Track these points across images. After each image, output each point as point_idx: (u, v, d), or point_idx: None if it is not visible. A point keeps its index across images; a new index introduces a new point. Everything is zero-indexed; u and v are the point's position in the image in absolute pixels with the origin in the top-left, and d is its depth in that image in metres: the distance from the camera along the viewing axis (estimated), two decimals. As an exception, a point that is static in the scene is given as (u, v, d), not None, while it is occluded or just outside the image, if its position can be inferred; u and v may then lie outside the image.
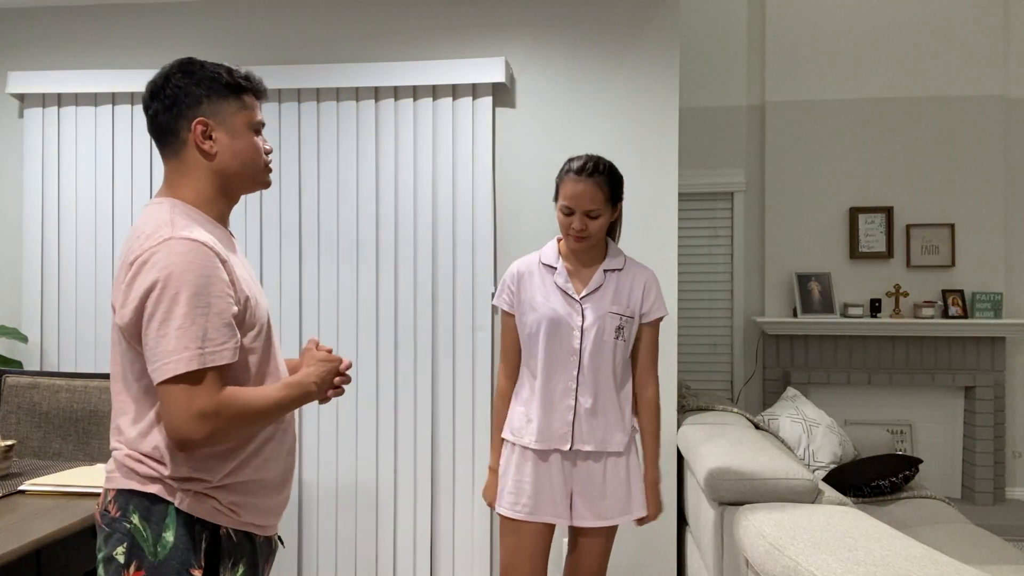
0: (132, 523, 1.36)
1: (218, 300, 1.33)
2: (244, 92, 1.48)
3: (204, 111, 1.43)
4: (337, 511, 3.17)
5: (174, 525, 1.36)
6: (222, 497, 1.40)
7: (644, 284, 2.15)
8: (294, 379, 1.48)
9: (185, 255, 1.31)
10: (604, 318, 2.10)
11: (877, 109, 4.70)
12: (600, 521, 2.12)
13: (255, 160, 1.49)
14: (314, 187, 3.20)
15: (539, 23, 3.15)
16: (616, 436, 2.13)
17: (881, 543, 1.59)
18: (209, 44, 3.31)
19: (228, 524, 1.41)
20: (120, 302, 1.35)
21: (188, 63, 1.45)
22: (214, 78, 1.44)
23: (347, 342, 3.17)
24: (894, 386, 4.72)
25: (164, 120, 1.44)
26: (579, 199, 2.03)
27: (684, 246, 4.85)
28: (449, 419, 3.12)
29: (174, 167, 1.46)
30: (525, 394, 2.16)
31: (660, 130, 3.10)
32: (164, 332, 1.29)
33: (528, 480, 2.11)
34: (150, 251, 1.32)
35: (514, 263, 2.21)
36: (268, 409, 1.39)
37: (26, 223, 3.32)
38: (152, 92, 1.45)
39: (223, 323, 1.33)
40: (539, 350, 2.11)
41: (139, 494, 1.37)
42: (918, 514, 3.12)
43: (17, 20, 3.42)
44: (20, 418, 2.84)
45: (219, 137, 1.45)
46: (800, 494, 2.21)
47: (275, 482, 1.50)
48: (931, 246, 4.63)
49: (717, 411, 3.26)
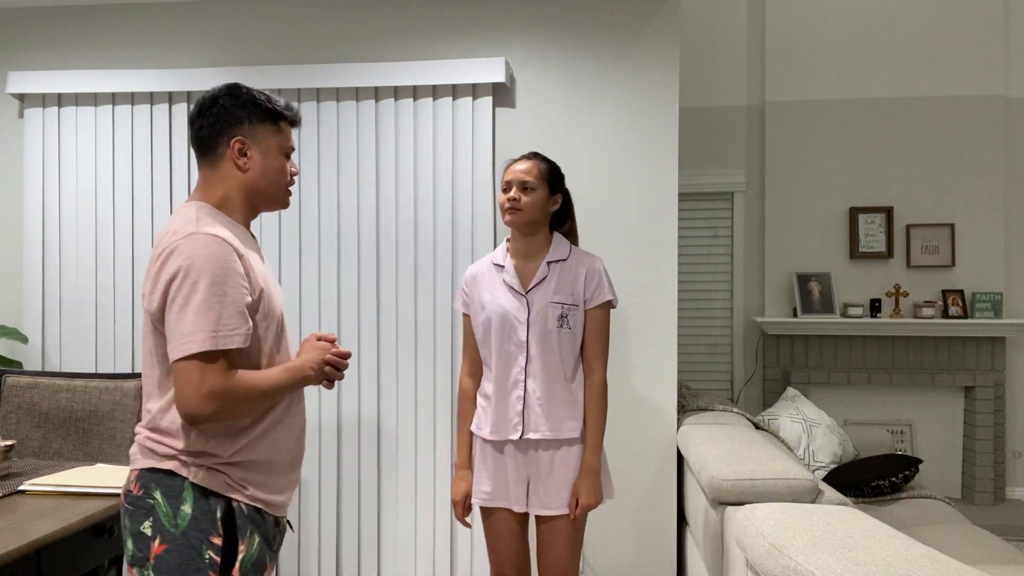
0: (155, 498, 1.49)
1: (233, 289, 1.46)
2: (281, 119, 1.66)
3: (243, 131, 1.61)
4: (339, 509, 3.17)
5: (191, 498, 1.49)
6: (232, 473, 1.53)
7: (587, 271, 2.23)
8: (293, 363, 1.61)
9: (207, 248, 1.46)
10: (547, 308, 2.19)
11: (877, 109, 4.70)
12: (545, 510, 2.20)
13: (280, 180, 1.67)
14: (314, 187, 3.20)
15: (539, 23, 3.15)
16: (567, 423, 2.20)
17: (881, 543, 1.59)
18: (209, 44, 3.31)
19: (239, 498, 1.53)
20: (149, 289, 1.49)
21: (235, 87, 1.63)
22: (256, 103, 1.62)
23: (348, 341, 3.17)
24: (894, 386, 4.72)
25: (207, 135, 1.61)
26: (516, 172, 2.20)
27: (684, 246, 4.85)
28: (449, 418, 3.12)
29: (209, 175, 1.63)
30: (484, 388, 2.28)
31: (660, 130, 3.10)
32: (183, 315, 1.43)
33: (488, 470, 2.24)
34: (176, 243, 1.47)
35: (469, 267, 2.36)
36: (270, 390, 1.53)
37: (26, 223, 3.31)
38: (200, 110, 1.62)
39: (237, 311, 1.47)
40: (492, 346, 2.23)
41: (158, 471, 1.50)
42: (918, 514, 3.12)
43: (17, 20, 3.42)
44: (20, 418, 2.84)
45: (253, 155, 1.62)
46: (800, 494, 2.21)
47: (284, 463, 1.62)
48: (931, 246, 4.64)
49: (717, 411, 3.26)
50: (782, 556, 1.62)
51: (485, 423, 2.25)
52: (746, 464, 2.31)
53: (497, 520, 2.26)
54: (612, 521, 3.11)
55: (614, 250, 3.11)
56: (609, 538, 3.10)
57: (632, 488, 3.09)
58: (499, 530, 2.25)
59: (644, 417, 3.09)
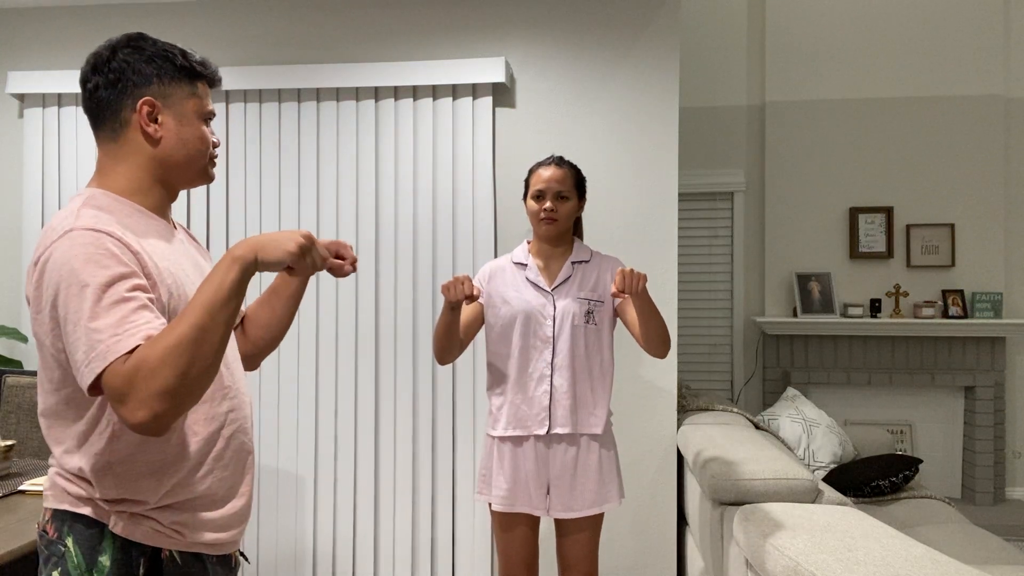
0: (67, 546, 1.25)
1: (123, 287, 1.16)
2: (198, 78, 1.36)
3: (152, 92, 1.31)
4: (335, 511, 3.17)
5: (111, 549, 1.24)
6: (163, 518, 1.26)
7: (611, 269, 2.28)
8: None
9: (86, 246, 1.16)
10: (573, 304, 2.22)
11: (877, 109, 4.70)
12: (571, 513, 2.20)
13: (202, 151, 1.36)
14: (314, 187, 3.20)
15: (539, 23, 3.15)
16: (589, 419, 2.22)
17: (881, 543, 1.59)
18: (209, 44, 3.31)
19: (171, 547, 1.27)
20: (35, 307, 1.21)
21: (139, 38, 1.32)
22: (167, 58, 1.32)
23: (346, 342, 3.17)
24: (894, 386, 4.72)
25: (105, 96, 1.30)
26: (550, 181, 2.21)
27: (684, 246, 4.85)
28: (449, 418, 3.12)
29: (109, 151, 1.33)
30: (499, 386, 2.26)
31: (660, 130, 3.10)
32: (77, 334, 1.13)
33: (506, 471, 2.22)
34: (51, 248, 1.18)
35: (487, 263, 2.37)
36: (197, 319, 1.12)
37: (26, 223, 3.31)
38: (95, 65, 1.31)
39: (134, 308, 1.15)
40: (513, 341, 2.22)
41: (73, 515, 1.26)
42: (918, 514, 3.12)
43: (17, 20, 3.42)
44: (20, 418, 2.84)
45: (165, 121, 1.32)
46: (800, 494, 2.21)
47: (227, 494, 1.35)
48: (931, 246, 4.63)
49: (717, 411, 3.26)
50: (782, 556, 1.62)
51: (500, 419, 2.24)
52: (746, 464, 2.31)
53: (513, 524, 2.24)
54: (612, 521, 3.11)
55: (614, 250, 3.11)
56: (609, 538, 3.10)
57: (632, 488, 3.09)
58: (514, 534, 2.25)
59: (644, 417, 3.09)
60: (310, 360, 3.19)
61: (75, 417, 1.24)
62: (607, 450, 2.24)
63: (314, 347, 3.19)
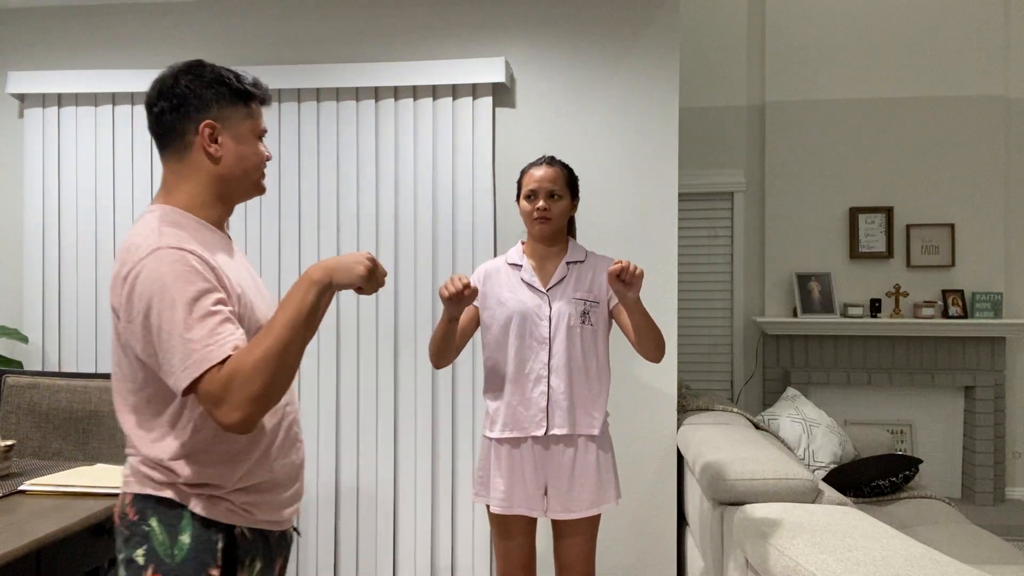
0: (150, 526, 1.39)
1: (208, 301, 1.31)
2: (252, 99, 1.49)
3: (212, 115, 1.44)
4: (337, 512, 3.17)
5: (190, 528, 1.39)
6: (236, 499, 1.43)
7: (606, 268, 2.26)
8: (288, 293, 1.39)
9: (173, 264, 1.30)
10: (569, 304, 2.21)
11: (877, 109, 4.70)
12: (569, 514, 2.20)
13: (257, 166, 1.51)
14: (314, 187, 3.20)
15: (539, 23, 3.15)
16: (586, 419, 2.21)
17: (881, 543, 1.59)
18: (209, 44, 3.31)
19: (242, 523, 1.44)
20: (126, 317, 1.34)
21: (198, 65, 1.45)
22: (224, 82, 1.45)
23: (347, 342, 3.17)
24: (894, 386, 4.72)
25: (170, 120, 1.43)
26: (542, 181, 2.22)
27: (684, 246, 4.85)
28: (448, 418, 3.12)
29: (174, 170, 1.46)
30: (496, 388, 2.25)
31: (660, 130, 3.10)
32: (171, 341, 1.28)
33: (503, 473, 2.22)
34: (140, 264, 1.31)
35: (481, 265, 2.36)
36: (281, 334, 1.30)
37: (26, 223, 3.31)
38: (160, 90, 1.44)
39: (220, 321, 1.31)
40: (510, 342, 2.22)
41: (155, 498, 1.40)
42: (918, 514, 3.12)
43: (17, 20, 3.42)
44: (20, 418, 2.84)
45: (225, 141, 1.45)
46: (800, 494, 2.21)
47: (287, 477, 1.53)
48: (931, 246, 4.63)
49: (717, 411, 3.26)
50: (782, 556, 1.62)
51: (497, 421, 2.24)
52: (746, 464, 2.31)
53: (511, 525, 2.24)
54: (612, 521, 3.11)
55: (614, 250, 3.11)
56: (609, 538, 3.10)
57: (632, 488, 3.09)
58: (512, 537, 2.25)
59: (644, 417, 3.09)
60: (310, 360, 3.19)
61: (155, 413, 1.39)
62: (604, 451, 2.23)
63: (314, 347, 3.19)
